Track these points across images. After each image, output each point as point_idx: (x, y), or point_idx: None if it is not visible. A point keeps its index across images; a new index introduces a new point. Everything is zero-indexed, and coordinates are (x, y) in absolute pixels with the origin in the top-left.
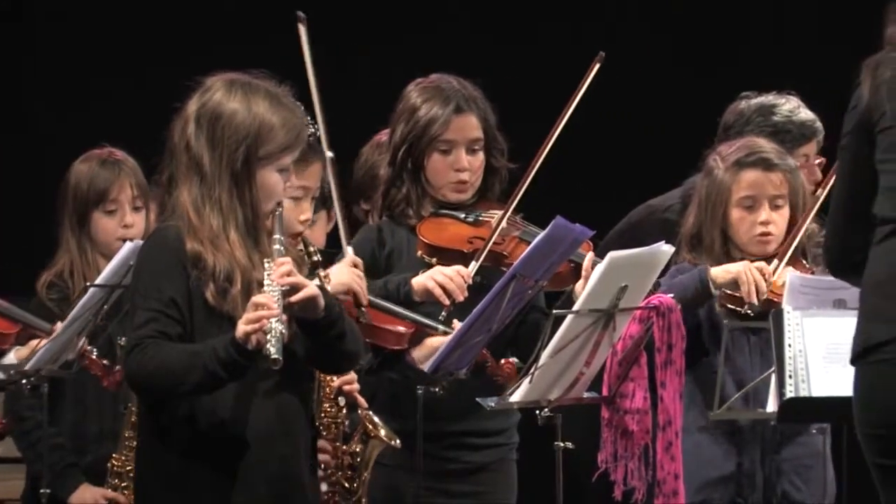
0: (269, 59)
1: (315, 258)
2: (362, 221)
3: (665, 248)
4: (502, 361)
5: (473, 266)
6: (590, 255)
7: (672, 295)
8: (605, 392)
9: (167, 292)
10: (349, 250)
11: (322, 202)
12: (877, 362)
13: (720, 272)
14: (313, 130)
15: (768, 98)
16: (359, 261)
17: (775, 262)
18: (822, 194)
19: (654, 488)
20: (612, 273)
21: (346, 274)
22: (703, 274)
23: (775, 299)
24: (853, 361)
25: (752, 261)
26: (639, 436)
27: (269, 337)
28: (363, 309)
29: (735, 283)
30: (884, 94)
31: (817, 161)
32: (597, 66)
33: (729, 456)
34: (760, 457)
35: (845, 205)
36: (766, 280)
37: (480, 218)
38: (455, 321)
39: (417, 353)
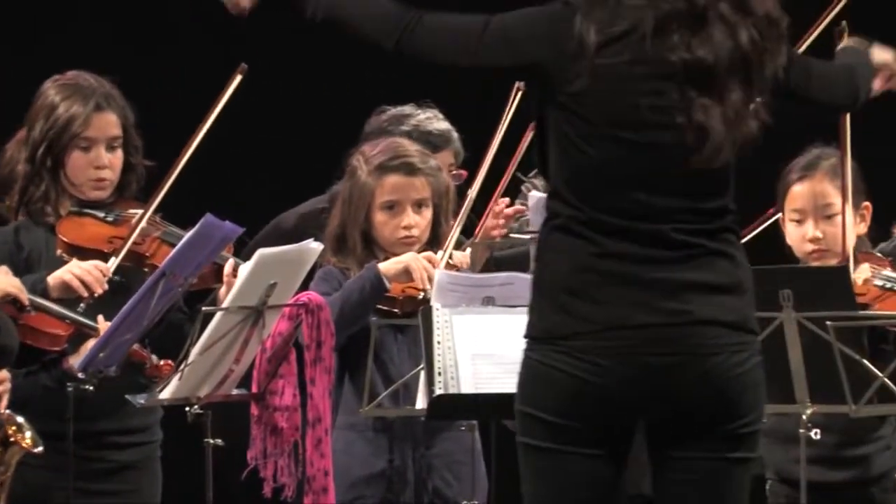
0: None
1: None
2: (5, 216)
3: (314, 246)
4: (162, 362)
5: (113, 262)
6: (231, 261)
7: (347, 297)
8: (254, 389)
9: None
10: None
11: None
12: (556, 351)
13: (390, 265)
14: None
15: (404, 109)
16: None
17: (440, 252)
18: (473, 193)
19: (304, 485)
20: (260, 270)
21: (1, 279)
22: (374, 270)
23: None
24: (527, 337)
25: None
26: (288, 433)
27: None
28: (29, 310)
29: (406, 273)
30: (605, 86)
31: (453, 172)
32: (238, 78)
33: (380, 453)
34: (412, 453)
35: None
36: (434, 268)
37: (120, 217)
38: (101, 317)
39: (75, 360)
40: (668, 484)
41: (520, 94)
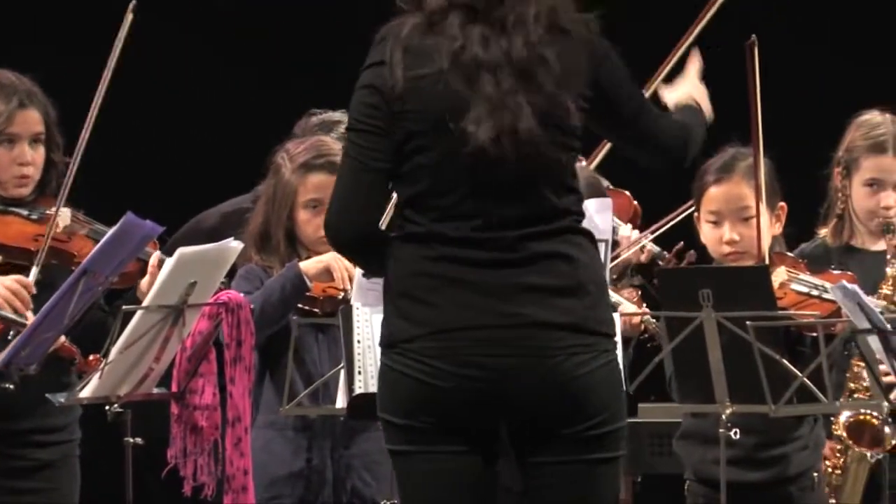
0: None
1: None
2: None
3: (234, 245)
4: (90, 358)
5: (34, 272)
6: (156, 254)
7: (268, 295)
8: (174, 388)
9: None
10: None
11: None
12: (399, 355)
13: (311, 264)
14: None
15: (334, 115)
16: None
17: None
18: None
19: (224, 484)
20: (180, 269)
21: None
22: (295, 269)
23: None
24: (380, 345)
25: None
26: (208, 432)
27: None
28: None
29: (327, 273)
30: (422, 97)
31: None
32: (130, 17)
33: (299, 452)
34: (330, 453)
35: (370, 184)
36: (355, 268)
37: (44, 215)
38: (29, 314)
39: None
40: (530, 490)
41: None
